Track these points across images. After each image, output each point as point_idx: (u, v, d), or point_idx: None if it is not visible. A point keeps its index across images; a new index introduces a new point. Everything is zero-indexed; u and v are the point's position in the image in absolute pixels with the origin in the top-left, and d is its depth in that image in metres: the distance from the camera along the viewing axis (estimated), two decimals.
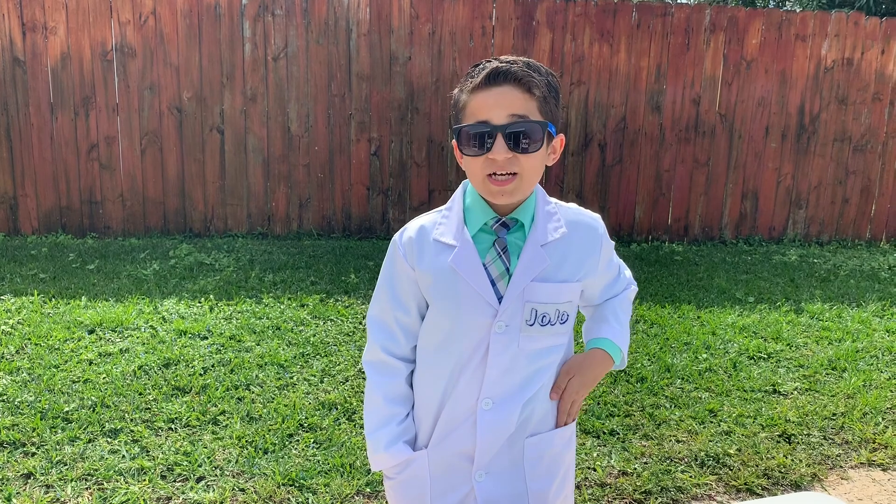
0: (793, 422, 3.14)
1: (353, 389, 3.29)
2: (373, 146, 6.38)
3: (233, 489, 2.50)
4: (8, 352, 3.55)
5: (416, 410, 1.44)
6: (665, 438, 2.97)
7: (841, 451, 2.93)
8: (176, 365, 3.47)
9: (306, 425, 2.95)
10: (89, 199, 6.17)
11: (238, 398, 3.16)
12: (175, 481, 2.54)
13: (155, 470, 2.59)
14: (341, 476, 2.59)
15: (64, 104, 6.00)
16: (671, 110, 6.61)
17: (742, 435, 3.01)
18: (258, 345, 3.76)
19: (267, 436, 2.84)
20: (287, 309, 4.31)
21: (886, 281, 5.61)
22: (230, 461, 2.67)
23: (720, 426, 3.08)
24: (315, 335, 3.92)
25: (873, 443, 3.01)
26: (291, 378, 3.39)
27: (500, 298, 1.33)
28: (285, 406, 3.09)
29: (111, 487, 2.48)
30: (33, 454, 2.66)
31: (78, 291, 4.54)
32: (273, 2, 6.05)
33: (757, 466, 2.78)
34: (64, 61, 5.93)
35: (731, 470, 2.75)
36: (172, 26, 5.98)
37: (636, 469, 2.73)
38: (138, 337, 3.79)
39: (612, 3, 6.39)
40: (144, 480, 2.52)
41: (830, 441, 3.02)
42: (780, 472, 2.75)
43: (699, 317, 4.48)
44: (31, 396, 3.08)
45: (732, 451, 2.87)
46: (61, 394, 3.12)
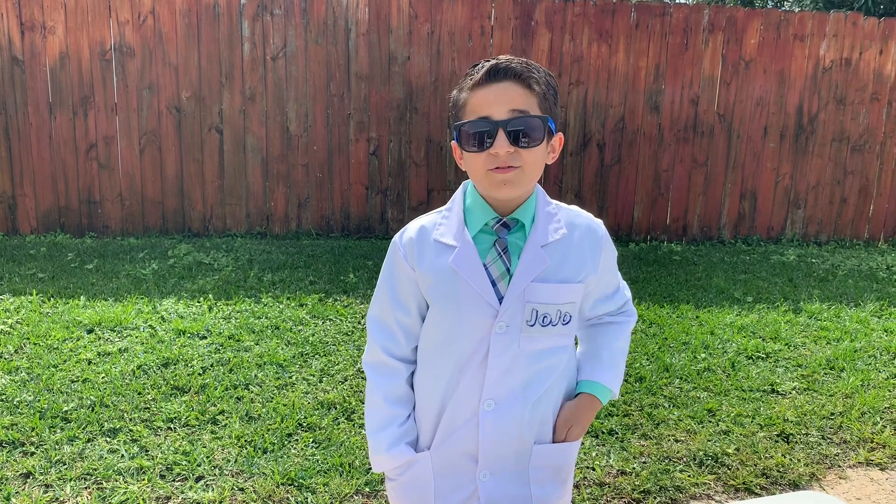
0: (791, 421, 3.14)
1: (352, 389, 3.29)
2: (371, 146, 6.38)
3: (232, 489, 2.51)
4: (7, 351, 3.55)
5: (417, 411, 1.44)
6: (664, 438, 2.97)
7: (839, 451, 2.94)
8: (175, 364, 3.47)
9: (305, 425, 2.95)
10: (88, 199, 6.17)
11: (237, 398, 3.16)
12: (174, 481, 2.54)
13: (154, 469, 2.59)
14: (340, 475, 2.60)
15: (63, 104, 5.99)
16: (670, 110, 6.62)
17: (740, 434, 3.01)
18: (257, 344, 3.76)
19: (266, 435, 2.85)
20: (286, 308, 4.32)
21: (884, 281, 5.62)
22: (229, 461, 2.67)
23: (719, 426, 3.09)
24: (314, 335, 3.93)
25: (871, 442, 3.02)
26: (290, 378, 3.39)
27: (501, 299, 1.32)
28: (284, 405, 3.09)
29: (110, 487, 2.48)
30: (32, 454, 2.66)
31: (77, 291, 4.54)
32: (272, 1, 6.05)
33: (755, 466, 2.78)
34: (62, 61, 5.93)
35: (730, 469, 2.76)
36: (171, 26, 5.98)
37: (635, 468, 2.73)
38: (137, 336, 3.79)
39: (611, 3, 6.40)
40: (144, 480, 2.52)
41: (829, 440, 3.02)
42: (779, 472, 2.75)
43: (698, 316, 4.49)
44: (30, 396, 3.08)
45: (731, 451, 2.88)
46: (60, 393, 3.12)
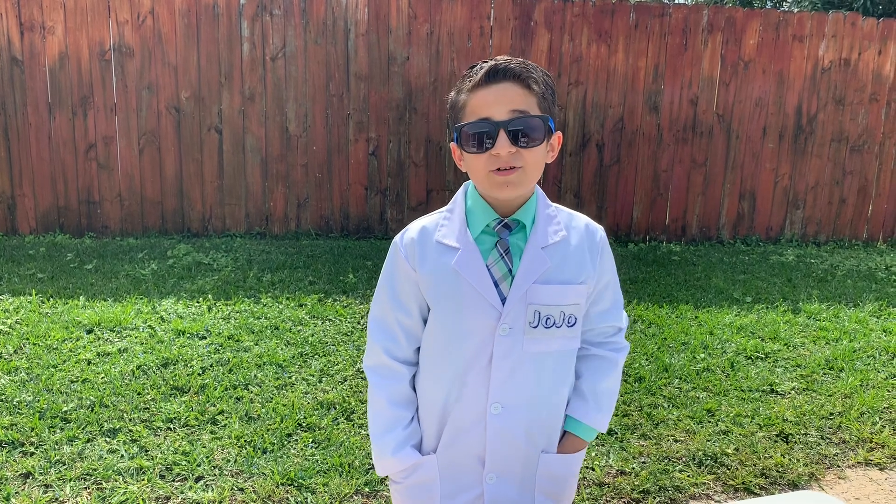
0: (790, 421, 3.15)
1: (352, 389, 3.29)
2: (371, 146, 6.38)
3: (231, 489, 2.51)
4: (6, 352, 3.55)
5: (421, 413, 1.44)
6: (663, 438, 2.97)
7: (838, 451, 2.94)
8: (174, 365, 3.47)
9: (305, 425, 2.95)
10: (87, 199, 6.17)
11: (237, 398, 3.16)
12: (174, 481, 2.54)
13: (154, 469, 2.59)
14: (340, 475, 2.60)
15: (62, 104, 5.99)
16: (669, 110, 6.62)
17: (740, 434, 3.02)
18: (256, 344, 3.76)
19: (265, 435, 2.85)
20: (285, 309, 4.32)
21: (883, 281, 5.63)
22: (229, 461, 2.67)
23: (718, 426, 3.09)
24: (313, 335, 3.93)
25: (870, 442, 3.02)
26: (290, 378, 3.39)
27: (503, 301, 1.32)
28: (284, 406, 3.09)
29: (110, 487, 2.48)
30: (32, 454, 2.66)
31: (76, 291, 4.54)
32: (271, 1, 6.05)
33: (754, 466, 2.79)
34: (62, 61, 5.92)
35: (729, 469, 2.76)
36: (170, 26, 5.98)
37: (634, 468, 2.73)
38: (136, 337, 3.79)
39: (610, 4, 6.40)
40: (143, 480, 2.53)
41: (828, 440, 3.03)
42: (778, 472, 2.75)
43: (697, 317, 4.49)
44: (30, 396, 3.08)
45: (730, 451, 2.88)
46: (60, 393, 3.11)
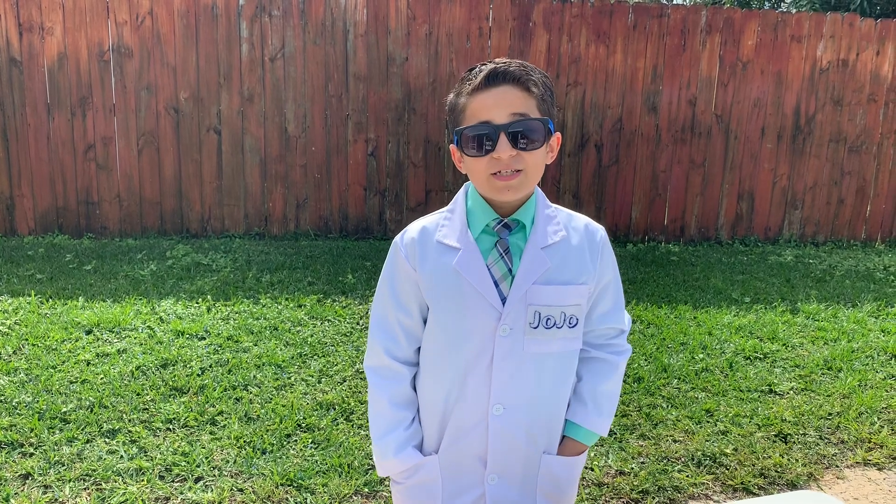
0: (789, 421, 3.15)
1: (351, 390, 3.29)
2: (370, 147, 6.39)
3: (231, 489, 2.51)
4: (5, 352, 3.55)
5: (422, 414, 1.44)
6: (662, 438, 2.98)
7: (837, 451, 2.95)
8: (174, 365, 3.47)
9: (304, 425, 2.96)
10: (86, 200, 6.16)
11: (236, 398, 3.17)
12: (173, 481, 2.55)
13: (153, 470, 2.59)
14: (339, 476, 2.60)
15: (61, 104, 5.99)
16: (667, 111, 6.63)
17: (738, 435, 3.02)
18: (256, 345, 3.76)
19: (265, 436, 2.85)
20: (284, 309, 4.32)
21: (882, 281, 5.64)
22: (228, 461, 2.67)
23: (717, 426, 3.09)
24: (312, 335, 3.93)
25: (869, 442, 3.03)
26: (289, 378, 3.39)
27: (504, 301, 1.33)
28: (283, 406, 3.10)
29: (109, 488, 2.48)
30: (31, 455, 2.66)
31: (75, 292, 4.54)
32: (270, 2, 6.05)
33: (753, 466, 2.79)
34: (61, 62, 5.92)
35: (728, 469, 2.77)
36: (169, 27, 5.98)
37: (633, 469, 2.74)
38: (136, 337, 3.79)
39: (609, 5, 6.41)
40: (143, 481, 2.53)
41: (826, 441, 3.03)
42: (777, 472, 2.76)
43: (695, 317, 4.50)
44: (29, 397, 3.08)
45: (729, 451, 2.88)
46: (59, 394, 3.11)
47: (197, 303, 4.38)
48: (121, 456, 2.67)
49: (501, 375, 1.34)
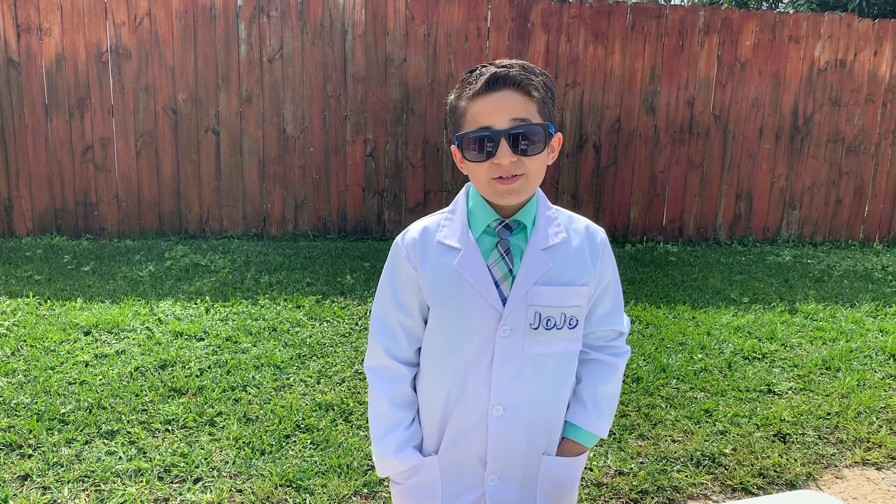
0: (787, 421, 3.16)
1: (350, 390, 3.29)
2: (368, 147, 6.39)
3: (230, 490, 2.51)
4: (3, 354, 3.54)
5: (422, 414, 1.44)
6: (661, 438, 2.98)
7: (835, 451, 2.95)
8: (172, 366, 3.47)
9: (303, 426, 2.95)
10: (84, 201, 6.16)
11: (235, 399, 3.16)
12: (172, 482, 2.54)
13: (152, 471, 2.59)
14: (338, 477, 2.60)
15: (59, 106, 5.98)
16: (665, 111, 6.64)
17: (737, 434, 3.03)
18: (254, 346, 3.76)
19: (264, 437, 2.85)
20: (283, 310, 4.32)
21: (880, 281, 5.64)
22: (227, 462, 2.67)
23: (715, 426, 3.10)
24: (311, 336, 3.93)
25: (867, 442, 3.03)
26: (288, 379, 3.39)
27: (504, 301, 1.33)
28: (282, 407, 3.09)
29: (108, 489, 2.48)
30: (30, 456, 2.66)
31: (73, 293, 4.53)
32: (268, 3, 6.05)
33: (752, 466, 2.79)
34: (59, 63, 5.92)
35: (727, 469, 2.77)
36: (167, 27, 5.98)
37: (632, 469, 2.74)
38: (134, 338, 3.79)
39: (607, 5, 6.41)
40: (142, 482, 2.52)
41: (825, 440, 3.03)
42: (776, 472, 2.76)
43: (694, 317, 4.50)
44: (28, 398, 3.07)
45: (728, 451, 2.89)
46: (57, 395, 3.11)
47: (195, 304, 4.38)
48: (120, 457, 2.66)
49: (501, 376, 1.34)
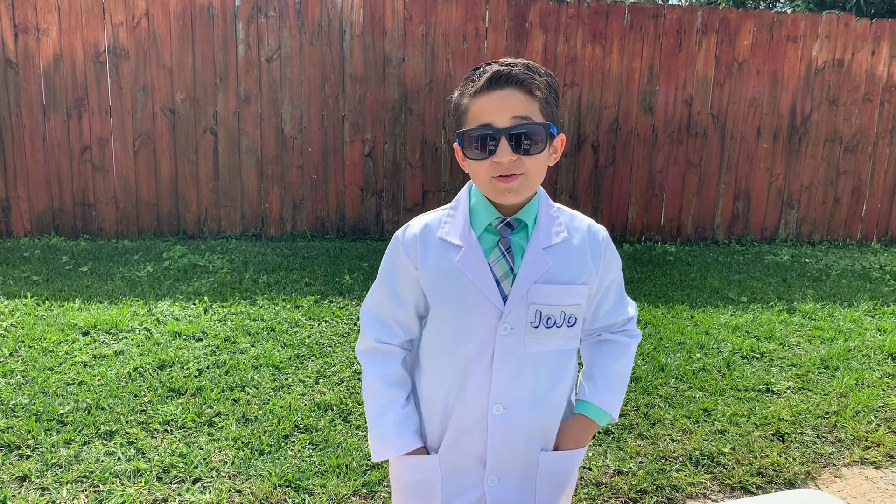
0: (786, 420, 3.16)
1: (349, 390, 3.29)
2: (366, 147, 6.38)
3: (229, 490, 2.50)
4: (2, 354, 3.53)
5: (423, 413, 1.43)
6: (660, 438, 2.98)
7: (834, 450, 2.96)
8: (171, 367, 3.46)
9: (302, 426, 2.95)
10: (82, 201, 6.15)
11: (233, 400, 3.16)
12: (171, 483, 2.54)
13: (151, 472, 2.58)
14: (338, 477, 2.60)
15: (56, 106, 5.98)
16: (663, 111, 6.64)
17: (736, 434, 3.03)
18: (253, 346, 3.76)
19: (263, 437, 2.84)
20: (282, 310, 4.31)
21: (878, 280, 5.65)
22: (226, 462, 2.67)
23: (714, 425, 3.10)
24: (310, 336, 3.92)
25: (866, 441, 3.03)
26: (287, 379, 3.39)
27: (505, 299, 1.33)
28: (281, 407, 3.09)
29: (107, 490, 2.47)
30: (28, 457, 2.66)
31: (71, 293, 4.52)
32: (266, 3, 6.05)
33: (751, 465, 2.80)
34: (56, 63, 5.91)
35: (726, 468, 2.77)
36: (165, 27, 5.97)
37: (631, 468, 2.74)
38: (133, 339, 3.78)
39: (605, 5, 6.42)
40: (140, 482, 2.52)
41: (823, 439, 3.04)
42: (774, 471, 2.77)
43: (692, 317, 4.50)
44: (26, 399, 3.07)
45: (727, 450, 2.89)
46: (56, 396, 3.11)
47: (194, 304, 4.37)
48: (118, 458, 2.66)
49: (502, 374, 1.34)
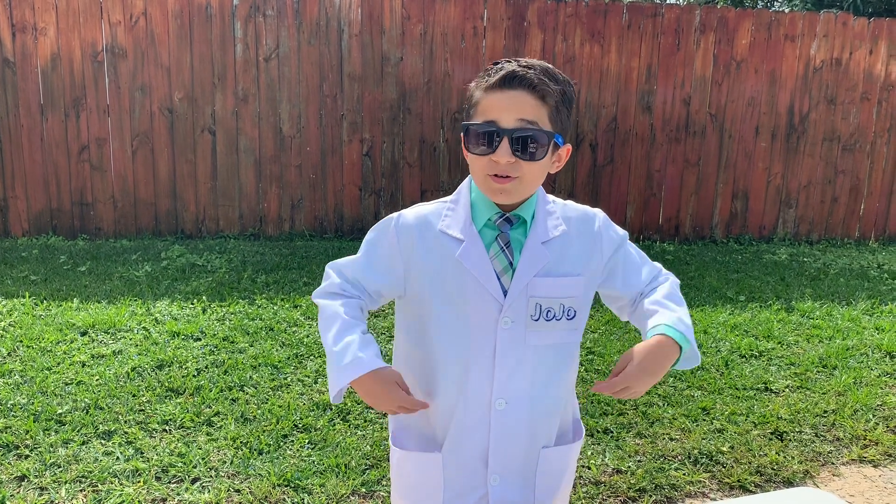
0: (785, 419, 3.16)
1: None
2: (365, 147, 6.38)
3: (228, 490, 2.50)
4: (0, 354, 3.54)
5: (430, 411, 1.41)
6: (658, 436, 2.98)
7: (832, 448, 2.96)
8: (169, 366, 3.46)
9: (301, 426, 2.95)
10: (80, 201, 6.14)
11: (232, 399, 3.16)
12: (170, 483, 2.54)
13: (149, 471, 2.58)
14: (336, 476, 2.60)
15: (54, 105, 5.97)
16: (662, 110, 6.64)
17: (735, 433, 3.03)
18: (251, 346, 3.75)
19: (261, 437, 2.84)
20: (280, 310, 4.31)
21: (876, 279, 5.66)
22: (225, 462, 2.66)
23: (713, 424, 3.10)
24: (308, 336, 3.92)
25: (864, 439, 3.04)
26: (285, 379, 3.39)
27: (505, 293, 1.33)
28: (279, 407, 3.09)
29: (105, 489, 2.47)
30: (27, 456, 2.65)
31: (70, 293, 4.52)
32: (264, 2, 6.04)
33: (750, 464, 2.80)
34: (54, 62, 5.90)
35: (724, 467, 2.78)
36: (163, 27, 5.96)
37: (630, 467, 2.74)
38: (131, 339, 3.78)
39: (603, 4, 6.42)
40: (139, 482, 2.52)
41: (822, 438, 3.04)
42: (773, 469, 2.77)
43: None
44: (24, 399, 3.07)
45: (725, 449, 2.89)
46: (54, 396, 3.10)
47: (192, 304, 4.37)
48: (117, 457, 2.66)
49: (504, 368, 1.34)
